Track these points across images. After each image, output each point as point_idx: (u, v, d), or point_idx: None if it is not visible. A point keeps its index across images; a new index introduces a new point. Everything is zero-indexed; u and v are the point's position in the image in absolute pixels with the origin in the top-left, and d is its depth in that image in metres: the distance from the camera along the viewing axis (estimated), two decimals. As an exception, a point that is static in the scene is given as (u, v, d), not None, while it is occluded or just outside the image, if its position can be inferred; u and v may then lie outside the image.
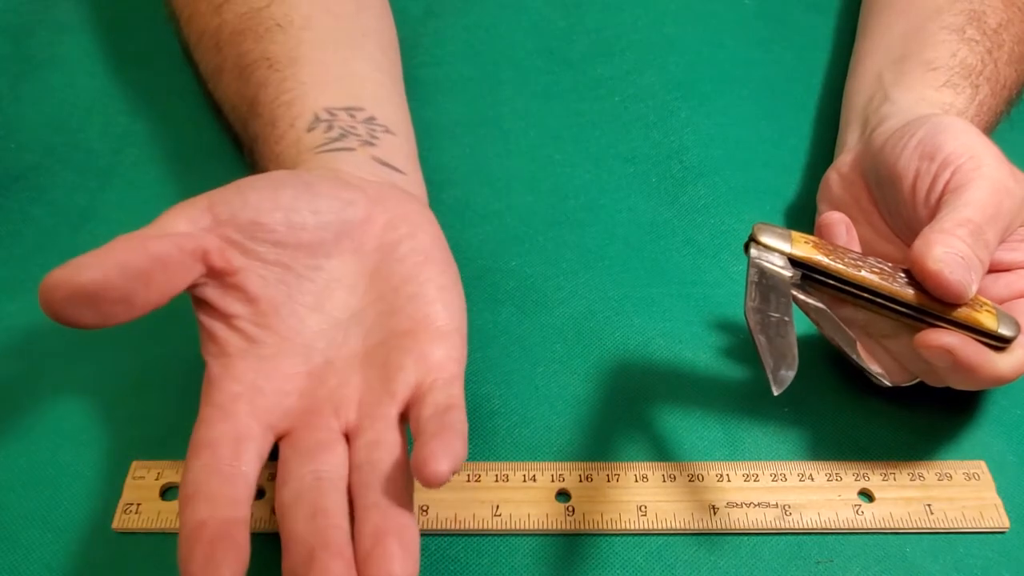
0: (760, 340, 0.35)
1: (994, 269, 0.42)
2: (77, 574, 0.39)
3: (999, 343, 0.38)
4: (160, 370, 0.45)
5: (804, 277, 0.39)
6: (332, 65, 0.48)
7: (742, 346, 0.47)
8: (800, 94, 0.60)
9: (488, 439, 0.43)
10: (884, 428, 0.44)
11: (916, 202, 0.42)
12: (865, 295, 0.39)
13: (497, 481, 0.42)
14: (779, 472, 0.42)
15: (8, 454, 0.42)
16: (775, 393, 0.34)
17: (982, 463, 0.43)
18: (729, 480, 0.42)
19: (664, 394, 0.45)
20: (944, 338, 0.38)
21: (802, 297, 0.39)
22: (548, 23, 0.63)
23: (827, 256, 0.39)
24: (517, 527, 0.40)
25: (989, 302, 0.39)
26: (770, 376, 0.35)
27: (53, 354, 0.45)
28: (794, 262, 0.38)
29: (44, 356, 0.45)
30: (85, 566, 0.39)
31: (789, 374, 0.35)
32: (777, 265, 0.38)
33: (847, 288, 0.39)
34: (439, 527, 0.40)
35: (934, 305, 0.38)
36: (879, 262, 0.40)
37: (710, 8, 0.65)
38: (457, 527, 0.40)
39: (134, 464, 0.41)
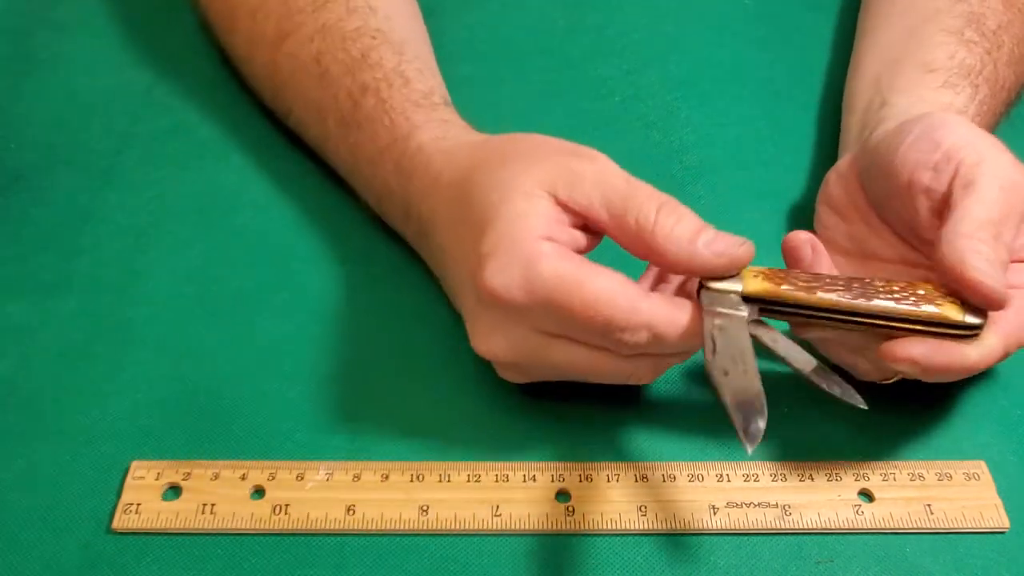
0: (725, 400, 0.35)
1: None
2: (77, 574, 0.39)
3: (967, 332, 0.38)
4: (161, 370, 0.45)
5: (762, 311, 0.39)
6: (429, 57, 0.53)
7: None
8: (801, 94, 0.60)
9: (488, 439, 0.43)
10: (884, 428, 0.44)
11: (914, 195, 0.42)
12: (824, 315, 0.39)
13: (497, 481, 0.42)
14: (779, 472, 0.42)
15: (8, 454, 0.42)
16: (748, 451, 0.34)
17: (982, 463, 0.43)
18: (729, 480, 0.42)
19: (664, 394, 0.45)
20: (909, 350, 0.38)
21: (761, 335, 0.38)
22: (549, 22, 0.63)
23: (779, 285, 0.38)
24: (517, 527, 0.40)
25: (949, 295, 0.38)
26: (741, 434, 0.34)
27: (53, 354, 0.45)
28: (748, 298, 0.38)
29: (44, 356, 0.45)
30: (85, 566, 0.39)
31: (760, 426, 0.34)
32: (731, 307, 0.38)
33: (806, 312, 0.39)
34: (439, 527, 0.40)
35: (898, 311, 0.38)
36: (835, 278, 0.39)
37: (710, 8, 0.65)
38: (457, 527, 0.40)
39: (134, 464, 0.41)
